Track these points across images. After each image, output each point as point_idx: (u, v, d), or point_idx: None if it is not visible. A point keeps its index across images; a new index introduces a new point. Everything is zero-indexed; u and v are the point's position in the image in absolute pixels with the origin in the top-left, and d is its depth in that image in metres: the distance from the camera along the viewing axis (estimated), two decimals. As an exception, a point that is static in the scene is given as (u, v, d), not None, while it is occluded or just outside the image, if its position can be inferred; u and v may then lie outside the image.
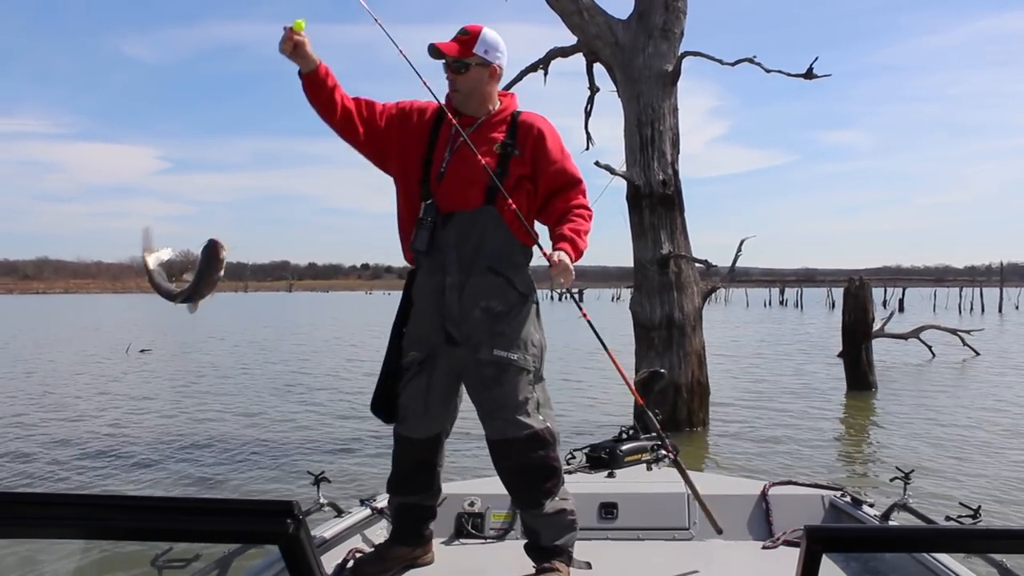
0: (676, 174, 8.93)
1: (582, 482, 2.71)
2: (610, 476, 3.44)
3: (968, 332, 17.95)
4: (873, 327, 12.76)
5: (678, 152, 9.00)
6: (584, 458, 3.62)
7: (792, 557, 0.96)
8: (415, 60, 2.64)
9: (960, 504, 2.62)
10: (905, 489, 2.82)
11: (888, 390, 12.22)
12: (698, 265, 9.02)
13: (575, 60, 9.59)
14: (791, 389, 12.64)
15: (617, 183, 8.90)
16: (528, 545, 2.65)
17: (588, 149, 10.22)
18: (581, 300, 2.68)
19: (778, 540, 2.89)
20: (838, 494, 3.12)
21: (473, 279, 2.57)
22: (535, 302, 2.68)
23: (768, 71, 9.02)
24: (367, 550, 2.79)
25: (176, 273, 2.31)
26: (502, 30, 2.71)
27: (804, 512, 3.03)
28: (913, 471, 2.90)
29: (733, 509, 3.03)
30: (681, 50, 8.95)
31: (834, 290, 51.86)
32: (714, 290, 9.62)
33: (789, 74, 8.94)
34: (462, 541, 2.97)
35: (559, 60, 9.54)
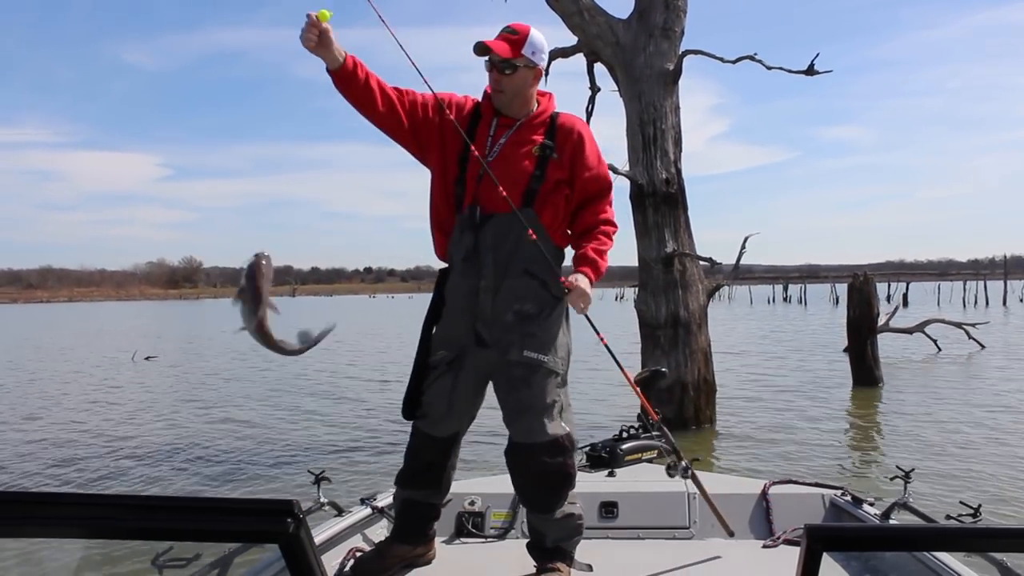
0: (679, 172, 8.94)
1: (582, 481, 2.71)
2: (610, 475, 3.43)
3: (973, 325, 17.91)
4: (878, 322, 12.76)
5: (680, 150, 9.01)
6: (584, 457, 3.59)
7: (793, 556, 0.96)
8: (419, 62, 2.57)
9: (961, 503, 2.62)
10: (906, 488, 2.82)
11: (894, 385, 12.21)
12: (702, 263, 9.03)
13: (576, 60, 9.60)
14: (798, 385, 12.62)
15: (620, 182, 8.90)
16: (531, 544, 2.64)
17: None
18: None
19: (778, 539, 2.89)
20: (839, 493, 3.12)
21: (508, 282, 2.54)
22: (566, 305, 2.65)
23: (769, 68, 9.02)
24: (368, 549, 2.78)
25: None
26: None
27: (804, 511, 3.03)
28: (913, 470, 2.90)
29: (734, 508, 3.03)
30: (682, 49, 8.96)
31: (838, 286, 51.74)
32: (719, 288, 9.61)
33: (790, 71, 8.92)
34: (462, 540, 2.95)
35: (560, 60, 9.54)
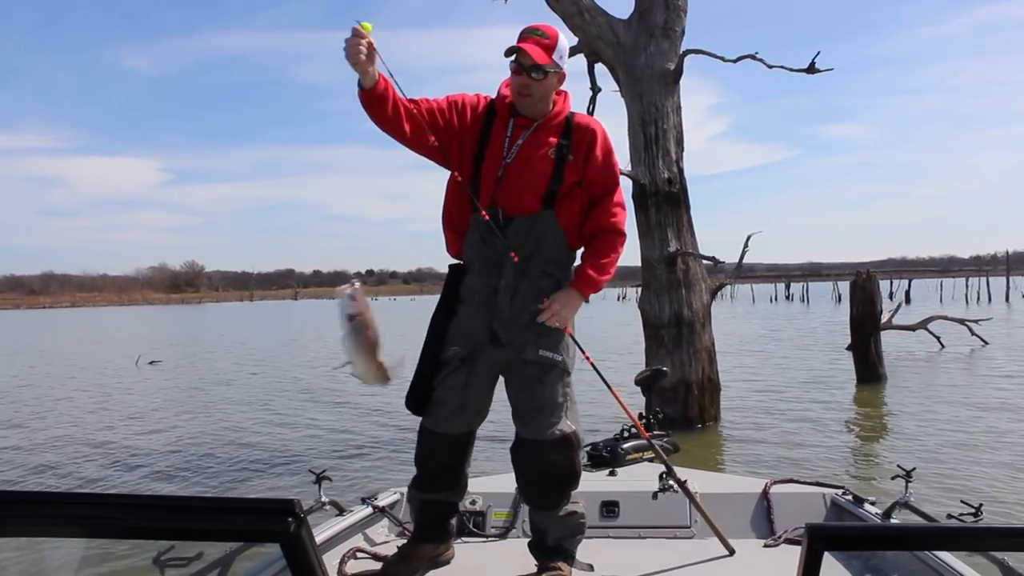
0: (681, 172, 8.95)
1: (583, 481, 2.71)
2: (611, 475, 3.44)
3: (976, 322, 17.88)
4: (881, 319, 12.75)
5: (682, 150, 9.02)
6: (585, 456, 3.58)
7: (794, 555, 0.97)
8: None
9: (962, 502, 2.62)
10: (907, 487, 2.82)
11: (897, 382, 12.21)
12: (705, 262, 9.03)
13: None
14: (801, 384, 12.63)
15: (623, 182, 8.90)
16: (532, 543, 2.65)
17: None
18: (586, 300, 2.66)
19: (780, 538, 2.90)
20: (840, 492, 3.12)
21: (527, 282, 2.55)
22: None
23: (770, 67, 9.00)
24: (368, 549, 2.80)
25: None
26: (504, 33, 2.63)
27: (806, 510, 3.03)
28: (915, 469, 2.91)
29: (735, 507, 3.03)
30: (682, 48, 8.97)
31: (840, 283, 51.68)
32: (722, 287, 9.59)
33: (792, 69, 8.92)
34: (463, 539, 2.96)
35: (561, 61, 9.53)
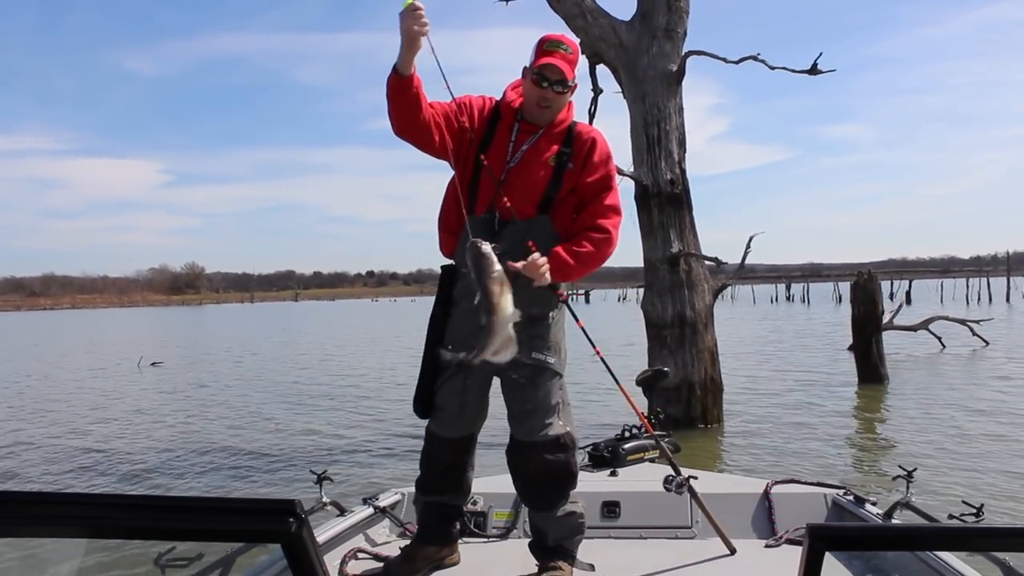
0: (683, 173, 8.97)
1: (585, 481, 2.72)
2: (612, 475, 3.45)
3: (977, 322, 17.89)
4: (882, 320, 12.76)
5: (684, 151, 9.03)
6: (587, 457, 3.59)
7: (795, 555, 0.98)
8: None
9: (963, 503, 2.63)
10: (908, 487, 2.83)
11: (899, 383, 12.22)
12: (708, 263, 9.04)
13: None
14: (803, 384, 12.64)
15: (625, 183, 8.93)
16: (533, 544, 2.67)
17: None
18: (587, 302, 2.67)
19: (781, 538, 2.91)
20: (841, 492, 3.13)
21: (520, 285, 2.53)
22: (565, 309, 2.69)
23: (772, 68, 8.99)
24: (369, 549, 2.83)
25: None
26: (504, 34, 2.63)
27: (807, 510, 3.04)
28: (916, 469, 2.92)
29: (736, 508, 3.04)
30: (684, 49, 8.99)
31: (840, 284, 51.66)
32: (725, 287, 9.61)
33: (794, 70, 8.90)
34: (464, 540, 2.97)
35: (563, 63, 9.53)
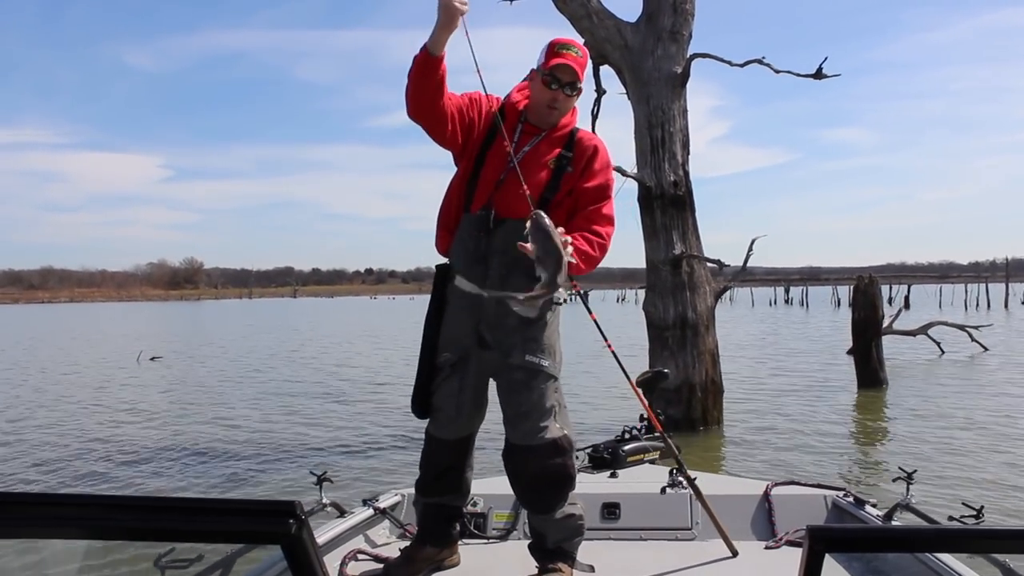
0: (687, 175, 8.98)
1: (584, 482, 2.72)
2: (612, 476, 3.44)
3: (976, 328, 17.94)
4: (882, 324, 12.78)
5: (688, 153, 9.04)
6: (586, 458, 3.58)
7: (795, 557, 0.99)
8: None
9: (963, 504, 2.63)
10: (908, 489, 2.83)
11: (898, 387, 12.24)
12: (710, 265, 9.06)
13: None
14: (803, 387, 12.66)
15: (628, 184, 8.94)
16: (532, 545, 2.67)
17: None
18: (587, 302, 2.68)
19: (781, 540, 2.91)
20: (841, 494, 3.13)
21: (512, 285, 2.54)
22: (560, 311, 2.68)
23: (777, 72, 8.96)
24: (369, 550, 2.82)
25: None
26: (509, 34, 2.65)
27: (807, 512, 3.04)
28: (916, 471, 2.92)
29: (736, 509, 3.04)
30: (689, 52, 9.00)
31: (839, 288, 51.70)
32: (726, 289, 9.61)
33: (799, 74, 8.88)
34: (464, 541, 2.97)
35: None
